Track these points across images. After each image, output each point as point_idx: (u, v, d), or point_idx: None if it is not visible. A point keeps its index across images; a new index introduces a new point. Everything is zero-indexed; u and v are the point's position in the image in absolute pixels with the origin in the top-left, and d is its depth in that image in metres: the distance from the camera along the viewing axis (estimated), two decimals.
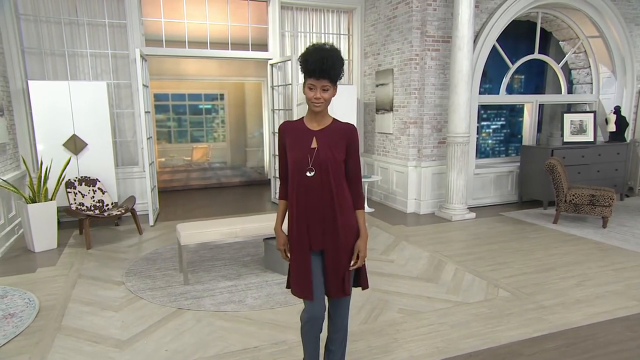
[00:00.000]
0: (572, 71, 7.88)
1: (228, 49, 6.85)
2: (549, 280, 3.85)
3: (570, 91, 7.80)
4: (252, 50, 6.97)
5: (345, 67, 7.52)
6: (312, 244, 2.11)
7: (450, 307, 3.34)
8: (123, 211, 5.11)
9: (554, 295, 3.54)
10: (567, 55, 7.49)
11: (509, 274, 3.98)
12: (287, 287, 2.27)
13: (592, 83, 7.61)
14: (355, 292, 3.64)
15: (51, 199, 4.84)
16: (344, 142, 2.14)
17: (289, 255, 2.19)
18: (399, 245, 4.86)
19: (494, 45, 6.49)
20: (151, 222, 5.77)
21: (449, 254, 4.56)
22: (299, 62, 2.08)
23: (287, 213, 2.21)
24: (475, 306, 3.35)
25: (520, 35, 7.43)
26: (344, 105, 6.84)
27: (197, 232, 3.85)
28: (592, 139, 6.87)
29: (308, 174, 2.06)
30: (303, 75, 2.08)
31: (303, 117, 2.18)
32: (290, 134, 2.14)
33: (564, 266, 4.18)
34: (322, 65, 2.00)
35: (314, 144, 2.09)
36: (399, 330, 2.99)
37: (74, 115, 5.44)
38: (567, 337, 2.90)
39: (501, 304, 3.38)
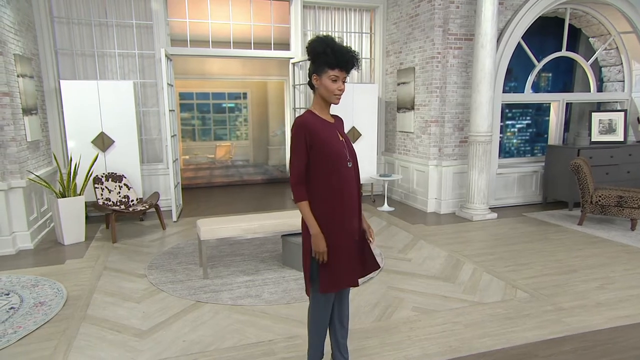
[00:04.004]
0: (603, 69, 7.63)
1: (251, 49, 6.95)
2: (569, 282, 3.76)
3: (600, 89, 7.57)
4: (274, 49, 7.05)
5: (367, 65, 7.56)
6: (355, 233, 2.17)
7: (466, 306, 3.32)
8: (147, 207, 5.27)
9: (574, 297, 3.46)
10: (597, 52, 7.26)
11: (528, 275, 3.92)
12: (325, 289, 2.13)
13: (623, 81, 7.36)
14: (370, 289, 3.65)
15: (80, 194, 5.04)
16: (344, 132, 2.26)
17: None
18: (417, 244, 4.84)
19: (519, 43, 6.36)
20: (174, 218, 5.93)
21: (468, 253, 4.52)
22: (317, 52, 2.01)
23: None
24: (492, 306, 3.32)
25: (548, 32, 7.25)
26: (365, 104, 6.87)
27: (216, 227, 3.94)
28: (622, 139, 6.65)
29: (348, 165, 2.12)
30: (317, 65, 2.02)
31: (310, 111, 2.14)
32: (316, 127, 2.07)
33: (587, 268, 4.08)
34: (353, 57, 2.03)
35: (340, 137, 2.15)
36: (413, 328, 2.99)
37: (102, 114, 5.64)
38: (585, 340, 2.85)
39: (518, 305, 3.33)
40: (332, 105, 2.15)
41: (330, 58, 1.99)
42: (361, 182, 2.32)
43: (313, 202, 2.11)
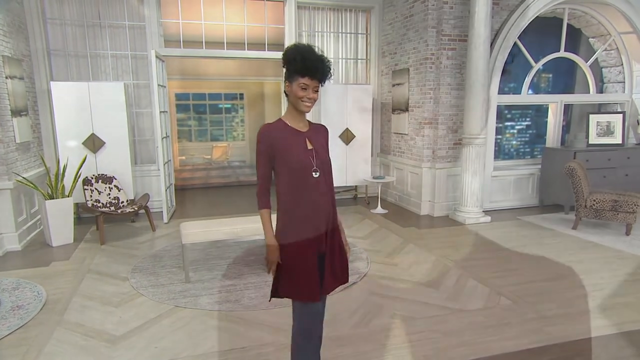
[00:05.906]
0: (603, 69, 7.50)
1: (244, 49, 6.92)
2: (556, 289, 3.68)
3: (601, 90, 7.44)
4: (269, 50, 7.01)
5: (363, 66, 7.49)
6: (319, 246, 2.07)
7: (447, 314, 3.26)
8: (136, 208, 5.26)
9: (559, 305, 3.38)
10: (596, 53, 7.14)
11: (514, 282, 3.84)
12: (276, 296, 2.15)
13: (624, 82, 7.23)
14: (352, 295, 3.54)
15: (68, 196, 5.04)
16: (325, 142, 2.20)
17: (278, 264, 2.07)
18: (406, 248, 4.78)
19: (516, 44, 6.26)
20: (165, 220, 5.92)
21: (456, 258, 4.45)
22: (287, 59, 2.00)
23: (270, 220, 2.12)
24: (473, 314, 3.25)
25: (548, 32, 7.13)
26: (359, 105, 6.80)
27: (198, 231, 3.92)
28: (620, 141, 6.53)
29: (314, 175, 2.04)
30: (289, 73, 2.02)
31: (281, 119, 2.11)
32: (280, 136, 2.05)
33: (576, 274, 3.99)
34: (322, 65, 2.00)
35: (309, 146, 2.08)
36: (389, 337, 2.94)
37: (92, 115, 5.64)
38: (564, 350, 2.78)
39: (500, 313, 3.26)
40: (306, 113, 2.10)
41: (298, 66, 1.97)
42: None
43: (279, 211, 2.09)
